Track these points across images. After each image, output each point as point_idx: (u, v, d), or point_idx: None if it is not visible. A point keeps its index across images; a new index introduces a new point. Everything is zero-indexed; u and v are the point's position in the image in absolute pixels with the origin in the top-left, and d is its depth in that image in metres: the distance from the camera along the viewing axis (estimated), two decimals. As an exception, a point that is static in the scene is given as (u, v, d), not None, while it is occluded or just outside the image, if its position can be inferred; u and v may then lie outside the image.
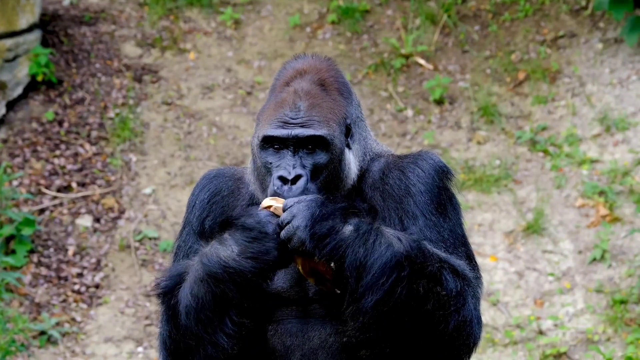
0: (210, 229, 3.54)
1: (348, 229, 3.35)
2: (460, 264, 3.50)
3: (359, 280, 3.34)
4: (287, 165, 3.52)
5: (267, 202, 3.44)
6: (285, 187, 3.49)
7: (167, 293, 3.53)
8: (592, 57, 10.13)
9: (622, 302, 8.30)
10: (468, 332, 3.45)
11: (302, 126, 3.53)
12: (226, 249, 3.38)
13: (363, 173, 3.71)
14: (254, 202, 3.71)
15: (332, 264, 3.37)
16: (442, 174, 3.64)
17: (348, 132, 3.65)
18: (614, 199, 8.94)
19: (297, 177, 3.50)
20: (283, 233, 3.36)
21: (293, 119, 3.55)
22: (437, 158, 3.67)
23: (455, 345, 3.45)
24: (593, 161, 9.34)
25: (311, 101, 3.58)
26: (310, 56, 3.74)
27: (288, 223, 3.36)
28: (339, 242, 3.34)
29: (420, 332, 3.39)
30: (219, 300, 3.40)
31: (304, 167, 3.53)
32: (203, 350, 3.46)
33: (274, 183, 3.50)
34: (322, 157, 3.55)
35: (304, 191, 3.49)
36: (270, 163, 3.55)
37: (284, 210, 3.38)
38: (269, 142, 3.55)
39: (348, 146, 3.65)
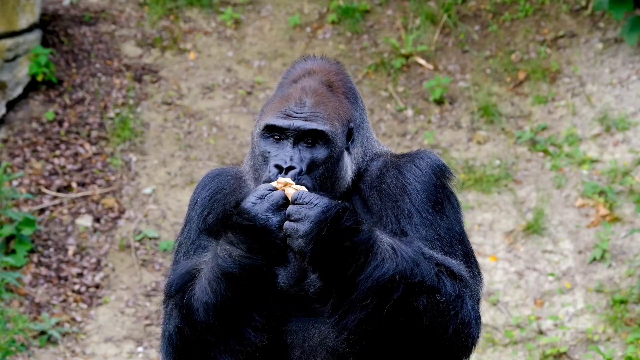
0: (213, 226, 3.54)
1: (347, 244, 3.35)
2: (457, 264, 3.50)
3: (344, 296, 3.35)
4: (284, 155, 3.52)
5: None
6: (281, 175, 3.49)
7: (179, 291, 3.53)
8: (592, 57, 10.13)
9: (622, 302, 8.30)
10: (467, 333, 3.46)
11: (305, 119, 3.54)
12: (236, 249, 3.39)
13: (362, 172, 3.71)
14: None
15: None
16: (440, 172, 3.64)
17: (350, 135, 3.66)
18: (614, 199, 8.94)
19: (290, 169, 3.50)
20: (286, 227, 3.35)
21: (297, 112, 3.56)
22: (435, 157, 3.67)
23: (454, 348, 3.45)
24: (593, 161, 9.34)
25: (317, 99, 3.59)
26: (320, 58, 3.76)
27: (293, 220, 3.35)
28: (334, 259, 3.34)
29: (417, 342, 3.40)
30: (242, 295, 3.41)
31: (301, 160, 3.53)
32: (224, 345, 3.47)
33: (270, 169, 3.51)
34: (321, 152, 3.56)
35: (295, 182, 3.48)
36: (269, 152, 3.56)
37: (293, 202, 3.36)
38: (270, 131, 3.56)
39: (347, 150, 3.65)
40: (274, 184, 3.40)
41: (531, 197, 9.19)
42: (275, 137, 3.56)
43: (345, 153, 3.64)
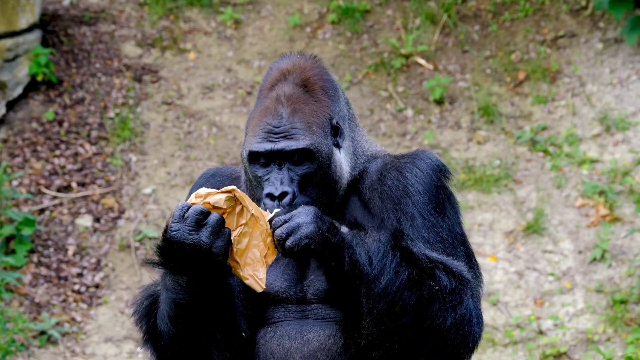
0: (156, 254, 3.58)
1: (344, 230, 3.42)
2: (457, 264, 3.50)
3: (366, 282, 3.40)
4: (274, 179, 3.55)
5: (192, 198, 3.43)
6: (275, 204, 3.52)
7: (144, 316, 3.61)
8: (592, 57, 10.13)
9: (622, 302, 8.30)
10: (466, 330, 3.45)
11: (285, 137, 3.55)
12: (180, 277, 3.43)
13: (361, 174, 3.72)
14: None
15: (332, 262, 3.41)
16: (440, 173, 3.64)
17: (336, 131, 3.65)
18: (614, 199, 8.94)
19: (284, 194, 3.52)
20: (281, 231, 3.36)
21: (276, 127, 3.56)
22: (435, 157, 3.67)
23: (455, 344, 3.45)
24: (593, 161, 9.34)
25: (293, 107, 3.59)
26: (295, 55, 3.74)
27: (284, 222, 3.37)
28: (342, 238, 3.40)
29: (420, 327, 3.40)
30: (199, 319, 3.47)
31: (292, 180, 3.55)
32: None
33: (264, 202, 3.53)
34: (309, 167, 3.57)
35: (291, 207, 3.50)
36: (260, 177, 3.58)
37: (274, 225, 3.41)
38: (255, 158, 3.58)
39: (337, 145, 3.65)
40: (192, 199, 3.36)
41: (531, 197, 9.19)
42: (262, 161, 3.57)
43: (336, 151, 3.64)
